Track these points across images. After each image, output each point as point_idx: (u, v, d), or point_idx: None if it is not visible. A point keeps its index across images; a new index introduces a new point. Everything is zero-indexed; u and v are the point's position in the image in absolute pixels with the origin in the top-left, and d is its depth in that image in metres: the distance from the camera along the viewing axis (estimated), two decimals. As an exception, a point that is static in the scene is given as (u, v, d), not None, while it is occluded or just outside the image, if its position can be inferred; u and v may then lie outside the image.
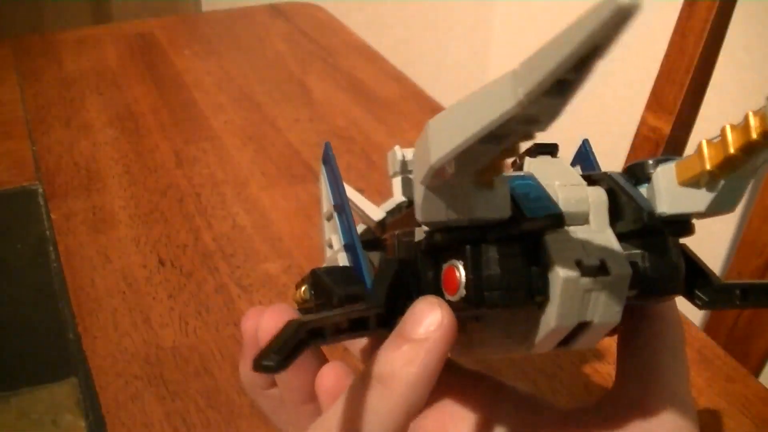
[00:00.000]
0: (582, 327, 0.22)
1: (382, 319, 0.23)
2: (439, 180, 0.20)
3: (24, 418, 0.43)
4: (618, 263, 0.22)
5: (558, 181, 0.24)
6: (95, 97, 0.81)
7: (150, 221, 0.60)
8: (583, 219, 0.23)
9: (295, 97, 0.81)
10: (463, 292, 0.22)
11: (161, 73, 0.86)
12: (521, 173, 0.24)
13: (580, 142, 0.32)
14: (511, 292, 0.21)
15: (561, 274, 0.21)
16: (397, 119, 0.77)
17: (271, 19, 1.03)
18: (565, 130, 0.32)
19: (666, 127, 0.73)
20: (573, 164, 0.31)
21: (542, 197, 0.23)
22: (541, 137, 0.32)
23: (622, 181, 0.24)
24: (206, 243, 0.57)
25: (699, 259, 0.25)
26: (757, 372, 0.63)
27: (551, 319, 0.22)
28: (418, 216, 0.22)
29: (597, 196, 0.24)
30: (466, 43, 1.45)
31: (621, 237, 0.23)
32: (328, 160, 0.31)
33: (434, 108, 0.80)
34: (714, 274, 0.25)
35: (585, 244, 0.22)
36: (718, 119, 0.30)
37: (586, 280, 0.21)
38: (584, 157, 0.31)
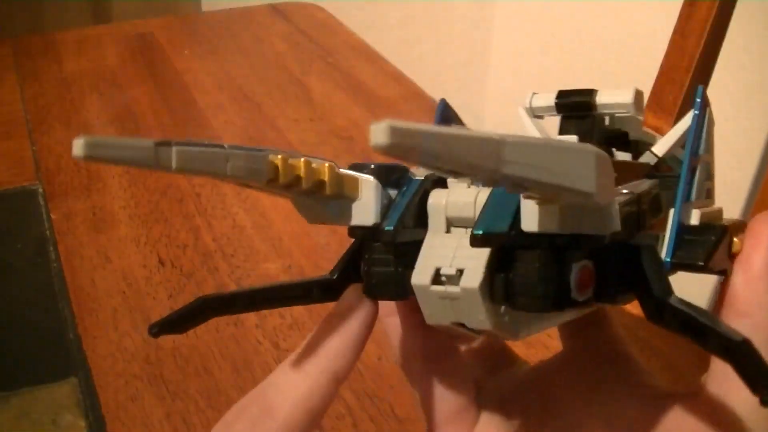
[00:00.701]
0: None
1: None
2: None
3: (24, 418, 0.43)
4: (472, 275, 0.21)
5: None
6: (95, 97, 0.81)
7: (150, 221, 0.60)
8: (471, 223, 0.23)
9: (295, 97, 0.81)
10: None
11: (161, 73, 0.86)
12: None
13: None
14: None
15: (412, 280, 0.23)
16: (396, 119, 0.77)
17: (271, 19, 1.03)
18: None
19: (666, 127, 0.73)
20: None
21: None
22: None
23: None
24: (206, 243, 0.57)
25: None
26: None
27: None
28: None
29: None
30: (466, 43, 1.45)
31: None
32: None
33: (434, 108, 0.80)
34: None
35: (457, 251, 0.22)
36: (718, 119, 0.29)
37: (437, 288, 0.22)
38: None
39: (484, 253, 0.22)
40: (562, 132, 0.29)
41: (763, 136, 0.90)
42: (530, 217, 0.21)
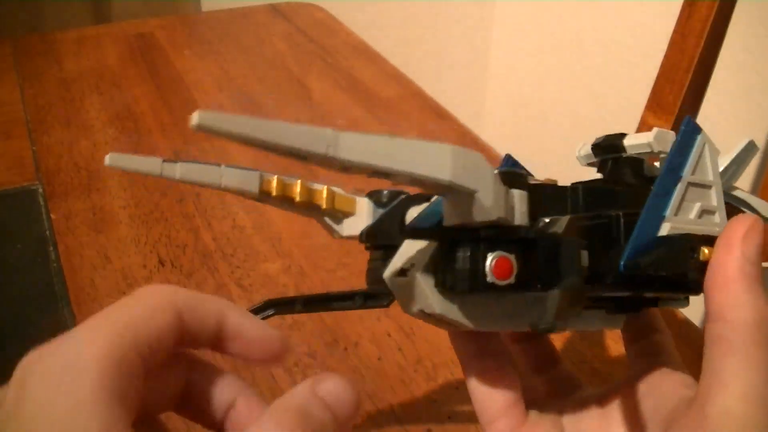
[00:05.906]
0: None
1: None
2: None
3: (24, 418, 0.43)
4: (417, 266, 0.26)
5: None
6: (95, 97, 0.81)
7: (150, 221, 0.60)
8: None
9: (295, 97, 0.81)
10: None
11: (161, 73, 0.86)
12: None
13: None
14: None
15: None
16: (397, 119, 0.77)
17: (271, 19, 1.03)
18: (565, 130, 0.32)
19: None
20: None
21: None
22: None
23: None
24: (206, 243, 0.57)
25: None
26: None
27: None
28: None
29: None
30: (466, 43, 1.45)
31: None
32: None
33: (434, 108, 0.80)
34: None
35: (417, 251, 0.27)
36: (718, 119, 0.29)
37: (399, 279, 0.27)
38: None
39: (430, 248, 0.27)
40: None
41: (763, 136, 0.90)
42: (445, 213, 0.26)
